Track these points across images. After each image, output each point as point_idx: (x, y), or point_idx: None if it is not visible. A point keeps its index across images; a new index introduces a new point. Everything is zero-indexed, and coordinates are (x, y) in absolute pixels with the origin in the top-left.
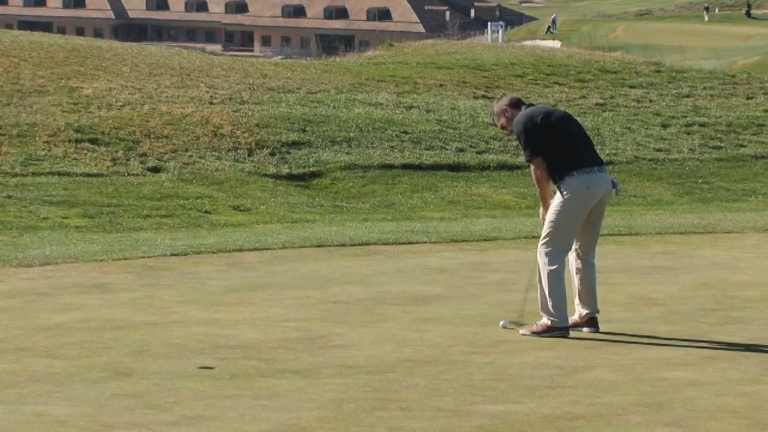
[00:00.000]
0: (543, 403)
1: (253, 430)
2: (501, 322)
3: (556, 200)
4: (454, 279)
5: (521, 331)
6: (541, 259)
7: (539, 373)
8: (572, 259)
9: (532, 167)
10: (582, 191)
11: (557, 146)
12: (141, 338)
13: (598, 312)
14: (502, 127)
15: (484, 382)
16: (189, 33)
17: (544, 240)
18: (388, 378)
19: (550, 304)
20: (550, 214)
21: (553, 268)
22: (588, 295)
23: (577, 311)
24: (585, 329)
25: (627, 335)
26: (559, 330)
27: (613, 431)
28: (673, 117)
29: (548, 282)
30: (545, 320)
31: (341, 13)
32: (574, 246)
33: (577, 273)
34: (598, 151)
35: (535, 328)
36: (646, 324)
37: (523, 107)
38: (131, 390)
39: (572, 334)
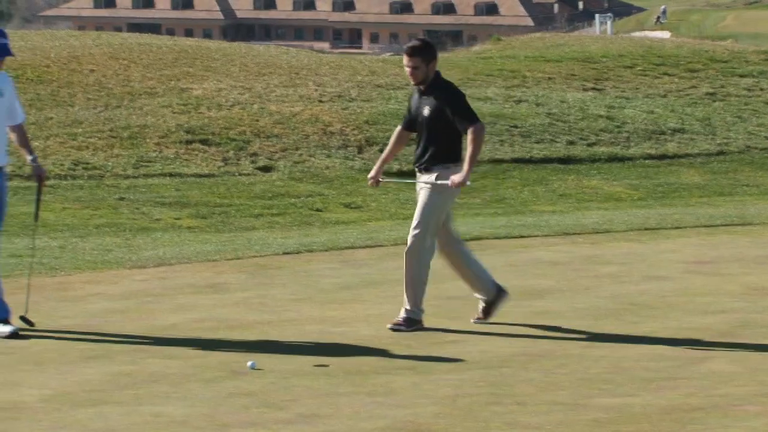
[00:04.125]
0: (659, 395)
1: (369, 428)
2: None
3: (435, 192)
4: (567, 272)
5: (388, 326)
6: (419, 250)
7: (654, 365)
8: (449, 261)
9: (480, 128)
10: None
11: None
12: (255, 337)
13: (499, 292)
14: (414, 68)
15: (600, 375)
16: (297, 32)
17: (420, 231)
18: (503, 372)
19: (417, 296)
20: (428, 207)
21: (428, 259)
22: (480, 281)
23: (480, 305)
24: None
25: (742, 326)
26: (418, 323)
27: (731, 422)
28: None
29: (423, 273)
30: (406, 314)
31: (449, 9)
32: (442, 251)
33: (462, 266)
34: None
35: (401, 321)
36: (761, 314)
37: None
38: (247, 389)
39: (687, 325)
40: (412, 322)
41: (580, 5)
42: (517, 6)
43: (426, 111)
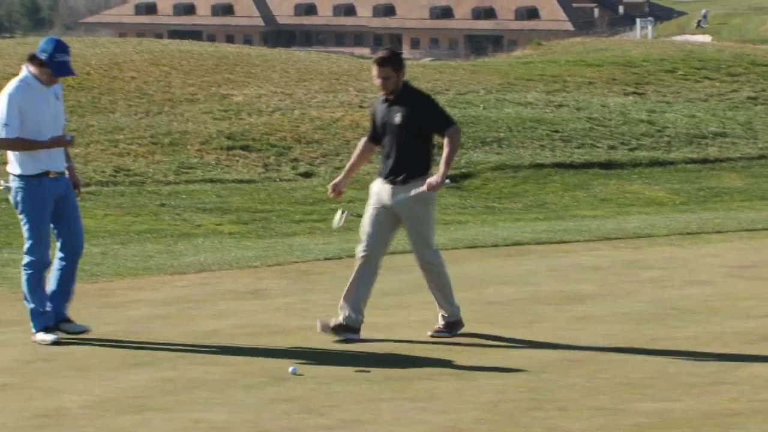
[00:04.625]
0: (701, 400)
1: None
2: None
3: (420, 204)
4: (608, 277)
5: (428, 333)
6: (432, 261)
7: (697, 370)
8: (364, 262)
9: (456, 130)
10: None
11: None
12: (297, 343)
13: (351, 329)
14: (386, 78)
15: (642, 381)
16: (337, 37)
17: (424, 246)
18: (544, 378)
19: (448, 298)
20: (420, 222)
21: (443, 261)
22: (356, 301)
23: (339, 320)
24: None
25: None
26: (458, 324)
27: None
28: None
29: (444, 276)
30: (444, 320)
31: (489, 14)
32: (366, 252)
33: (362, 276)
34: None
35: (443, 328)
36: None
37: None
38: (288, 395)
39: (729, 330)
40: (453, 325)
41: (621, 10)
42: (557, 11)
43: (397, 119)
